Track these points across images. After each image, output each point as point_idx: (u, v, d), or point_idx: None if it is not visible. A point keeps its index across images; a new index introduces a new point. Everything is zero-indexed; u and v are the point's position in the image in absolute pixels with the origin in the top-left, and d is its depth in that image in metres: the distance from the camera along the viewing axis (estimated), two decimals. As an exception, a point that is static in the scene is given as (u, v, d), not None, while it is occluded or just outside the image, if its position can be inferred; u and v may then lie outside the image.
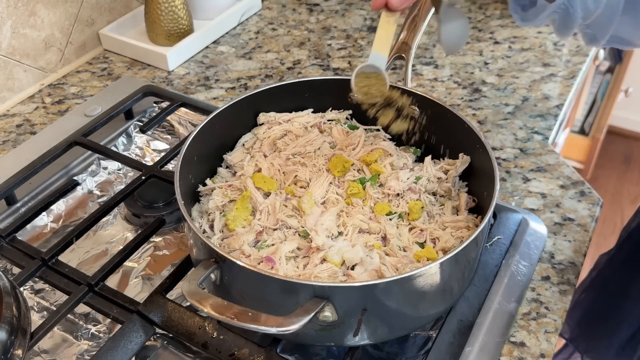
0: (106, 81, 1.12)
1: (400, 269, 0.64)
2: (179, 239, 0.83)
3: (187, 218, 0.62)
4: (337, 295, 0.56)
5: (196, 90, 1.09)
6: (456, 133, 0.74)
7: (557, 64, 1.13)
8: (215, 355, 0.65)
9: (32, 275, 0.74)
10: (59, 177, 0.91)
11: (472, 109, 1.03)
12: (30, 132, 1.01)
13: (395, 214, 0.71)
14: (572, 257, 0.79)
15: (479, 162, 0.72)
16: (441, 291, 0.63)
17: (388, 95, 0.73)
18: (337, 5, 1.33)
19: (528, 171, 0.91)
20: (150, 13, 1.13)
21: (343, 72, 1.13)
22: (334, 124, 0.82)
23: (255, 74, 1.13)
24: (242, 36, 1.24)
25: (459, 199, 0.73)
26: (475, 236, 0.60)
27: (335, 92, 0.82)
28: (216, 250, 0.59)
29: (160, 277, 0.78)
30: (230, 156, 0.79)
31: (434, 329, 0.71)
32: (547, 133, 0.98)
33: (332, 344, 0.67)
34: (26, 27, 1.05)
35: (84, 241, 0.83)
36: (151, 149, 0.98)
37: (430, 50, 1.18)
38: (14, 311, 0.64)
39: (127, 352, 0.66)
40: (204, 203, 0.74)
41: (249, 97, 0.78)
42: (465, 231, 0.69)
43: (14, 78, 1.06)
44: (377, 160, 0.75)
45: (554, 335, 0.70)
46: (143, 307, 0.69)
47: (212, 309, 0.54)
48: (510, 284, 0.74)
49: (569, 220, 0.84)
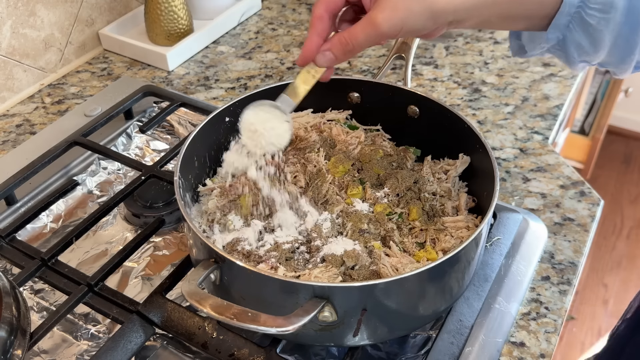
0: (106, 81, 1.12)
1: (400, 269, 0.64)
2: (178, 239, 0.83)
3: (186, 218, 0.62)
4: (337, 296, 0.56)
5: (196, 90, 1.09)
6: (456, 133, 0.74)
7: (557, 64, 1.13)
8: (214, 355, 0.65)
9: (32, 276, 0.74)
10: (58, 177, 0.91)
11: (472, 109, 1.03)
12: (30, 132, 1.01)
13: (395, 214, 0.71)
14: (572, 257, 0.79)
15: (479, 162, 0.72)
16: (441, 291, 0.63)
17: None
18: (337, 5, 1.33)
19: (528, 171, 0.91)
20: (150, 13, 1.12)
21: (343, 72, 1.13)
22: (333, 124, 0.82)
23: (255, 74, 1.13)
24: (242, 36, 1.24)
25: (459, 199, 0.73)
26: (475, 236, 0.60)
27: (335, 92, 0.82)
28: (216, 251, 0.59)
29: (160, 277, 0.78)
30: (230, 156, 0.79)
31: (434, 329, 0.71)
32: (547, 133, 0.98)
33: (331, 344, 0.67)
34: (26, 27, 1.04)
35: (83, 241, 0.83)
36: (151, 149, 0.98)
37: (430, 50, 1.18)
38: (14, 311, 0.64)
39: (127, 352, 0.66)
40: (204, 203, 0.74)
41: (249, 97, 0.78)
42: (465, 231, 0.69)
43: (14, 78, 1.06)
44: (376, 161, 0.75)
45: (553, 336, 0.70)
46: (143, 307, 0.69)
47: (211, 309, 0.54)
48: (510, 284, 0.74)
49: (569, 220, 0.84)
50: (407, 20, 0.58)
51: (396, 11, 0.57)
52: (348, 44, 0.61)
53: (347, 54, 0.62)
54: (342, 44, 0.61)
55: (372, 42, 0.60)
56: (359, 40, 0.60)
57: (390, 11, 0.57)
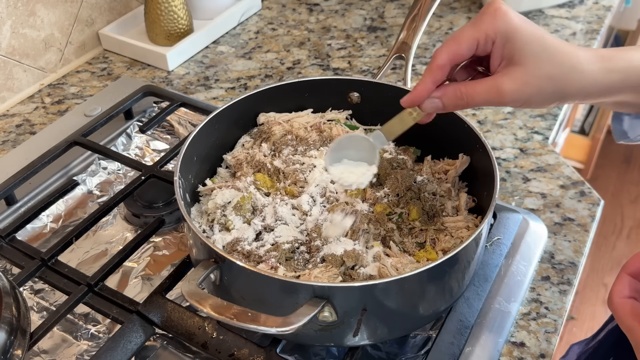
0: (106, 81, 1.12)
1: (400, 269, 0.64)
2: (178, 239, 0.83)
3: (186, 218, 0.62)
4: (337, 296, 0.56)
5: (196, 90, 1.09)
6: (456, 133, 0.73)
7: (557, 64, 1.13)
8: (214, 355, 0.65)
9: (32, 276, 0.74)
10: (58, 177, 0.91)
11: (472, 109, 1.03)
12: (30, 132, 1.01)
13: (395, 214, 0.71)
14: (572, 257, 0.79)
15: (479, 162, 0.72)
16: (441, 291, 0.63)
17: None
18: (337, 5, 1.33)
19: (528, 171, 0.91)
20: (150, 13, 1.12)
21: (343, 72, 1.13)
22: (333, 124, 0.82)
23: (255, 74, 1.13)
24: (242, 36, 1.24)
25: (459, 199, 0.73)
26: (475, 236, 0.60)
27: (335, 92, 0.82)
28: (216, 251, 0.59)
29: (160, 277, 0.78)
30: (230, 156, 0.79)
31: (434, 329, 0.71)
32: (547, 133, 0.98)
33: (331, 344, 0.67)
34: (26, 27, 1.04)
35: (83, 241, 0.83)
36: (151, 149, 0.98)
37: (430, 50, 1.18)
38: (14, 311, 0.64)
39: (127, 352, 0.66)
40: (204, 203, 0.74)
41: (249, 97, 0.78)
42: (465, 231, 0.69)
43: (14, 78, 1.06)
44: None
45: (553, 336, 0.70)
46: (143, 307, 0.69)
47: (211, 309, 0.54)
48: (510, 284, 0.74)
49: (569, 220, 0.84)
50: (534, 97, 0.56)
51: (527, 86, 0.55)
52: (462, 99, 0.58)
53: (457, 106, 0.60)
54: (456, 97, 0.59)
55: (488, 104, 0.59)
56: (476, 100, 0.58)
57: (520, 85, 0.55)
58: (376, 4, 1.33)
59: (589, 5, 1.30)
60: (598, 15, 1.27)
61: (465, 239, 0.67)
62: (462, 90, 0.58)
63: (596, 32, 1.22)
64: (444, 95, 0.59)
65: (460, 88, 0.58)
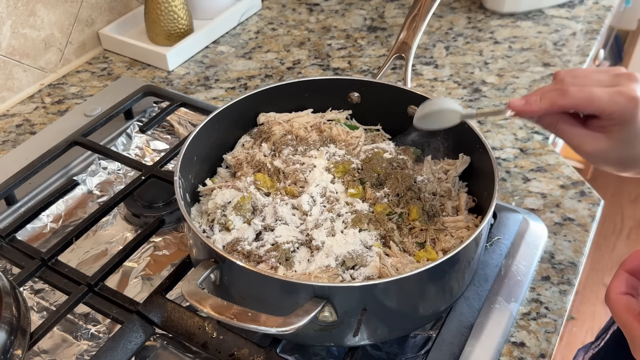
0: (106, 81, 1.12)
1: (400, 269, 0.64)
2: (178, 239, 0.83)
3: (187, 218, 0.62)
4: (337, 296, 0.56)
5: (196, 90, 1.09)
6: (456, 133, 0.73)
7: (557, 64, 1.13)
8: (214, 355, 0.65)
9: (32, 276, 0.74)
10: (58, 177, 0.91)
11: (472, 109, 1.03)
12: (30, 132, 1.01)
13: (395, 214, 0.71)
14: (572, 257, 0.79)
15: (479, 162, 0.72)
16: (441, 291, 0.63)
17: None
18: (337, 5, 1.33)
19: (528, 171, 0.91)
20: (150, 13, 1.12)
21: (343, 72, 1.13)
22: (333, 124, 0.82)
23: (255, 74, 1.13)
24: (242, 36, 1.24)
25: (459, 199, 0.73)
26: (475, 236, 0.60)
27: (335, 92, 0.82)
28: (216, 251, 0.59)
29: (160, 277, 0.78)
30: (230, 156, 0.79)
31: (434, 329, 0.71)
32: (547, 133, 0.98)
33: (332, 344, 0.67)
34: (26, 27, 1.04)
35: (83, 241, 0.83)
36: (151, 149, 0.98)
37: (430, 50, 1.18)
38: (14, 311, 0.64)
39: (127, 352, 0.66)
40: (204, 203, 0.74)
41: (249, 97, 0.78)
42: (465, 231, 0.69)
43: (14, 78, 1.06)
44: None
45: (553, 336, 0.70)
46: (143, 307, 0.69)
47: (211, 309, 0.54)
48: (510, 284, 0.74)
49: (569, 220, 0.84)
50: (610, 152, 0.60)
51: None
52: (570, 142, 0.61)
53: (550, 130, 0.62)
54: (561, 132, 0.61)
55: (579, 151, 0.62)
56: (581, 148, 0.61)
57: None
58: (376, 4, 1.33)
59: (589, 5, 1.30)
60: (598, 15, 1.27)
61: (465, 238, 0.67)
62: (572, 132, 0.60)
63: (596, 32, 1.22)
64: (543, 94, 0.60)
65: (568, 129, 0.61)
